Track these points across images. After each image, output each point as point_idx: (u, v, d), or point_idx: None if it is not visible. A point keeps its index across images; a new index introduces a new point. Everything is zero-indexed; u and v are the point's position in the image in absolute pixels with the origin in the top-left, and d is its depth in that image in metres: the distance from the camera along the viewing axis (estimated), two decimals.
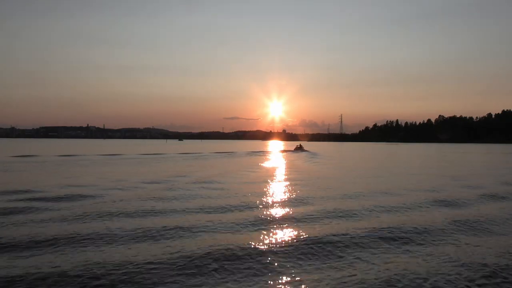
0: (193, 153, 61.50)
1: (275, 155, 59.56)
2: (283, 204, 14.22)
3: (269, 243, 8.84)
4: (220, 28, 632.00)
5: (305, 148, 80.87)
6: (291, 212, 12.48)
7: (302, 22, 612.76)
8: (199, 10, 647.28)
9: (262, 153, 65.46)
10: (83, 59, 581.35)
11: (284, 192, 17.28)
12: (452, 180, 23.15)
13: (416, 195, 16.48)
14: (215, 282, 6.63)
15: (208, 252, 7.97)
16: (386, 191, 17.74)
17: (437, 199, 15.26)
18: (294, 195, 16.20)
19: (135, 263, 7.31)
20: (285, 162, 42.77)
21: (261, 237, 9.37)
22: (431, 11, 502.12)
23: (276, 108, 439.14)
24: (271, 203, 14.25)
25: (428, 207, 13.76)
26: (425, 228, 10.29)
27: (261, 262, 7.57)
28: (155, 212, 12.14)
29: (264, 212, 12.42)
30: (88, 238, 8.94)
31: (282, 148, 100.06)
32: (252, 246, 8.53)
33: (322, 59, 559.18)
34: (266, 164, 37.96)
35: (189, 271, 7.02)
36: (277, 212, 12.62)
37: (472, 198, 15.89)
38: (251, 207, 13.36)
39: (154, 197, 14.98)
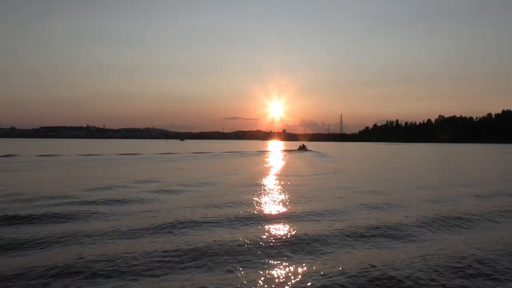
0: (205, 152, 61.48)
1: (284, 155, 59.71)
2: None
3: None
4: (221, 29, 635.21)
5: (308, 147, 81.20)
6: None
7: (302, 23, 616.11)
8: (200, 11, 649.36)
9: (270, 153, 65.63)
10: (83, 59, 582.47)
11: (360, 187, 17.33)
12: None
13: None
14: None
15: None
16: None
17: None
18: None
19: None
20: (306, 161, 42.83)
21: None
22: (431, 11, 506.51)
23: (276, 108, 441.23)
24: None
25: None
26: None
27: None
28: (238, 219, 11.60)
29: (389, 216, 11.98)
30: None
31: (284, 148, 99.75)
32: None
33: (322, 59, 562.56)
34: (292, 164, 38.11)
35: None
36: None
37: None
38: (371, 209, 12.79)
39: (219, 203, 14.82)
